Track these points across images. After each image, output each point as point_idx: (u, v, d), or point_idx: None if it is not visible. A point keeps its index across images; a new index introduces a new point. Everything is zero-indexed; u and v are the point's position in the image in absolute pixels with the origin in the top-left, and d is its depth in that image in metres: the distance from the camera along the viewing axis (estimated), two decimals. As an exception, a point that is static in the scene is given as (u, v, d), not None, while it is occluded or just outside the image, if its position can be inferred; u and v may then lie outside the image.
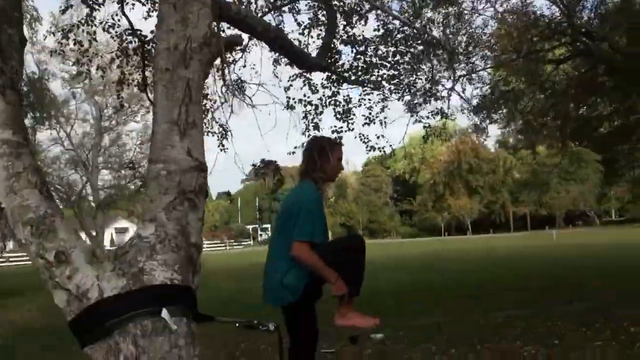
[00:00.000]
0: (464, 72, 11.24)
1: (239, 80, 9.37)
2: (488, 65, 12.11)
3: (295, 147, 8.97)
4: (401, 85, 9.84)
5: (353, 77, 8.78)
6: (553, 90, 10.32)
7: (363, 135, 9.98)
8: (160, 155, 3.16)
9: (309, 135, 9.53)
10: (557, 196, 72.36)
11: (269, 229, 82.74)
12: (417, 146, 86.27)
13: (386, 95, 9.67)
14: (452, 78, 11.28)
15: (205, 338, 3.26)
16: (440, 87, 10.89)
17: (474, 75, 11.83)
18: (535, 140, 16.30)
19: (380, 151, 10.22)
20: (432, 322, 8.13)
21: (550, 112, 12.55)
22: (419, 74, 10.21)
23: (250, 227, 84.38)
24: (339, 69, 8.84)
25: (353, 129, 9.78)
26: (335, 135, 9.50)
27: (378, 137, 9.94)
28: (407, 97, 10.70)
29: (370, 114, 9.69)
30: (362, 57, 9.34)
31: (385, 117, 9.97)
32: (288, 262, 3.34)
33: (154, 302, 2.89)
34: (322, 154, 3.54)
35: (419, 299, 11.26)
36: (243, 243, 75.94)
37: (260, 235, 78.70)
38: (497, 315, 8.48)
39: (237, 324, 3.40)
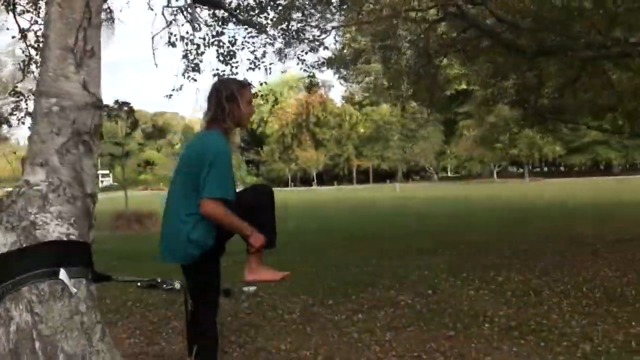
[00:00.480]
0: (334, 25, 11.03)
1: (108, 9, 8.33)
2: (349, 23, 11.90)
3: (173, 90, 8.29)
4: (289, 32, 9.39)
5: (242, 17, 8.26)
6: (419, 52, 10.46)
7: (247, 80, 9.47)
8: (52, 87, 2.65)
9: (188, 77, 8.99)
10: (399, 152, 76.42)
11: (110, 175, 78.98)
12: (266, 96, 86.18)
13: (272, 40, 9.25)
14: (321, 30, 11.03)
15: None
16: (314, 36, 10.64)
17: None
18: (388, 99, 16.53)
19: (264, 99, 9.84)
20: (309, 272, 8.12)
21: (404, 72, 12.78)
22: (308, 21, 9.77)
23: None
24: (229, 7, 8.27)
25: (237, 73, 9.31)
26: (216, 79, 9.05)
27: (261, 84, 9.56)
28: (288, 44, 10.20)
29: (255, 58, 9.26)
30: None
31: (271, 64, 9.57)
32: (194, 216, 3.01)
33: (50, 261, 2.44)
34: (230, 99, 3.14)
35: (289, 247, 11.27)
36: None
37: (101, 182, 74.91)
38: (368, 265, 8.67)
39: (138, 284, 3.05)
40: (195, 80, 9.20)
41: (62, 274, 2.44)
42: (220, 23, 8.60)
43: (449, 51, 9.47)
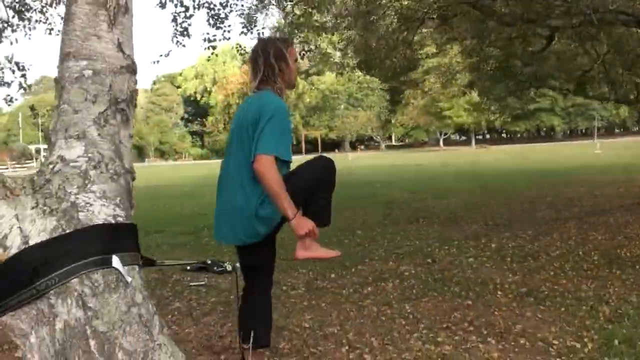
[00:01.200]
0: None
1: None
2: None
3: (161, 55, 7.73)
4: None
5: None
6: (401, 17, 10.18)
7: (240, 46, 8.99)
8: (82, 48, 2.30)
9: (177, 43, 8.41)
10: (346, 121, 76.49)
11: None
12: (209, 66, 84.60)
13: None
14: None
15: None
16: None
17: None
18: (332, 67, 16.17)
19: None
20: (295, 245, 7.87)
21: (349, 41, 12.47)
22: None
23: (32, 147, 76.29)
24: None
25: (229, 38, 8.75)
26: (207, 44, 8.53)
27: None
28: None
29: (248, 22, 8.75)
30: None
31: (263, 28, 9.06)
32: (261, 187, 2.72)
33: (100, 247, 2.12)
34: (280, 57, 2.86)
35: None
36: (26, 165, 68.81)
37: (44, 157, 71.70)
38: (355, 236, 8.50)
39: (187, 267, 2.75)
40: (184, 46, 8.67)
41: (116, 262, 2.14)
42: None
43: (429, 15, 9.25)
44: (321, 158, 2.99)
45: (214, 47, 8.90)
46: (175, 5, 8.51)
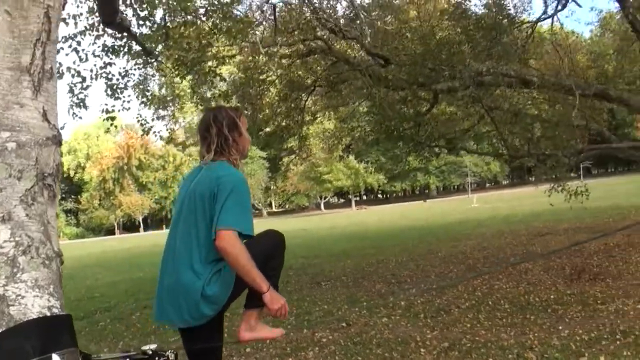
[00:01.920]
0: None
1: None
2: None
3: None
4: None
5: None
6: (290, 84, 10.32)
7: (141, 116, 8.58)
8: (4, 117, 2.05)
9: (73, 115, 7.85)
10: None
11: None
12: (82, 141, 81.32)
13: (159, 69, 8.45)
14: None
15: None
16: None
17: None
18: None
19: (157, 136, 8.89)
20: None
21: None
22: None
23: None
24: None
25: (129, 108, 8.35)
26: (105, 115, 8.01)
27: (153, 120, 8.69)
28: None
29: (149, 92, 8.40)
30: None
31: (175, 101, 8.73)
32: (211, 266, 2.50)
33: (37, 347, 1.82)
34: (233, 127, 2.73)
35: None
36: None
37: None
38: None
39: (127, 359, 2.45)
40: (81, 118, 8.17)
41: (56, 361, 1.85)
42: (109, 53, 7.64)
43: (319, 83, 9.49)
44: (268, 233, 2.83)
45: (112, 119, 8.53)
46: (72, 76, 8.15)
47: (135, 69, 8.36)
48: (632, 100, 8.80)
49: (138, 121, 8.80)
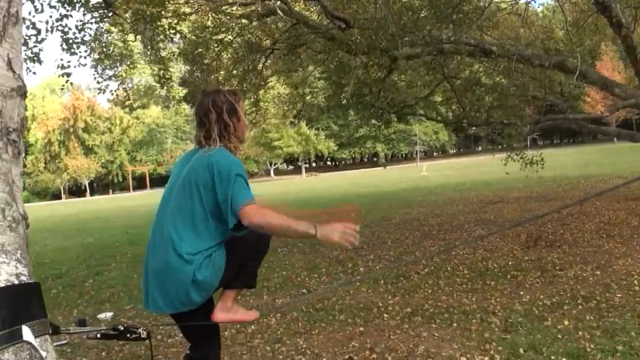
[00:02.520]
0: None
1: None
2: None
3: None
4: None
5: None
6: (248, 45, 10.04)
7: (97, 73, 8.10)
8: (-36, 66, 1.85)
9: (27, 70, 7.34)
10: (175, 155, 74.63)
11: None
12: (27, 102, 77.72)
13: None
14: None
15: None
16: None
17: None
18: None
19: (113, 95, 8.45)
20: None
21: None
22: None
23: None
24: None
25: (85, 64, 7.94)
26: (61, 70, 7.55)
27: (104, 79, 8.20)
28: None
29: (104, 47, 7.93)
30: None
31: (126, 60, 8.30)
32: (203, 252, 2.45)
33: (6, 318, 1.67)
34: (232, 113, 2.62)
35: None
36: None
37: None
38: None
39: (97, 334, 2.30)
40: (35, 73, 7.74)
41: (27, 333, 1.71)
42: (65, 4, 7.13)
43: (277, 46, 9.25)
44: (258, 239, 2.72)
45: (68, 75, 8.09)
46: (27, 27, 7.62)
47: (92, 23, 7.94)
48: (589, 72, 8.96)
49: (95, 79, 8.39)
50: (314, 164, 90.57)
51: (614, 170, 19.01)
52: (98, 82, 8.50)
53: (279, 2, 8.65)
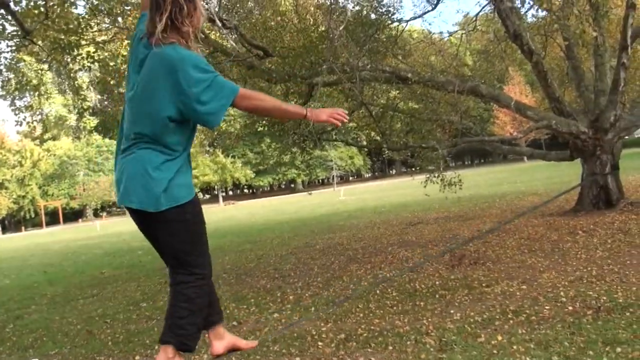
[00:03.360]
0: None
1: None
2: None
3: None
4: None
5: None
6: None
7: (15, 105, 7.59)
8: None
9: None
10: (88, 187, 71.91)
11: None
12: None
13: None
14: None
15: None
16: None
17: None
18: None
19: (30, 126, 7.82)
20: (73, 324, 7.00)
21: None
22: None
23: None
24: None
25: (4, 95, 7.41)
26: None
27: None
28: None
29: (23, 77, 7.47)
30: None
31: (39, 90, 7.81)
32: (168, 163, 2.50)
33: None
34: None
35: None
36: None
37: None
38: (138, 309, 7.79)
39: None
40: None
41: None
42: None
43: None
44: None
45: None
46: None
47: (7, 52, 7.59)
48: (501, 96, 9.39)
49: (12, 110, 7.96)
50: (230, 192, 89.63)
51: (528, 188, 19.90)
52: (15, 114, 8.09)
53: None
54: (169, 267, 2.70)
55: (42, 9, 6.70)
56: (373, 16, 8.87)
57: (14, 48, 7.64)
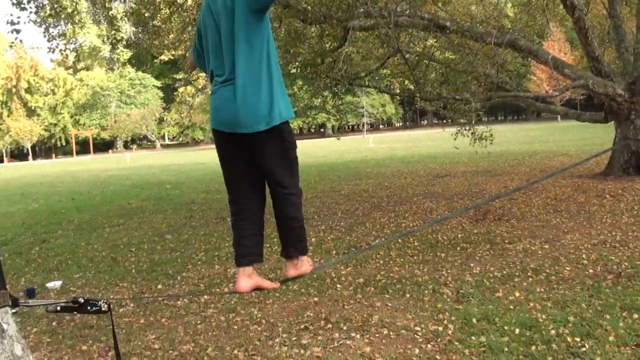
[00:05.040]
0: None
1: None
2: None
3: None
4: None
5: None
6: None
7: (48, 32, 7.55)
8: None
9: None
10: (119, 119, 72.56)
11: None
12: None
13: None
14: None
15: None
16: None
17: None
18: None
19: (63, 54, 7.80)
20: (100, 256, 7.22)
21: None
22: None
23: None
24: None
25: (37, 20, 7.43)
26: (10, 27, 7.09)
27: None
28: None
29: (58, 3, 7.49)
30: None
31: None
32: (269, 80, 2.54)
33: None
34: None
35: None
36: None
37: None
38: (164, 240, 8.00)
39: (57, 307, 2.20)
40: None
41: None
42: None
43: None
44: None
45: (17, 32, 7.68)
46: None
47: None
48: (540, 51, 9.13)
49: (45, 37, 7.97)
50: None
51: (559, 148, 19.57)
52: (48, 41, 8.13)
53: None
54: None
55: None
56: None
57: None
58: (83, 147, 76.91)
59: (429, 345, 3.57)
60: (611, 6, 10.54)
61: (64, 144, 77.01)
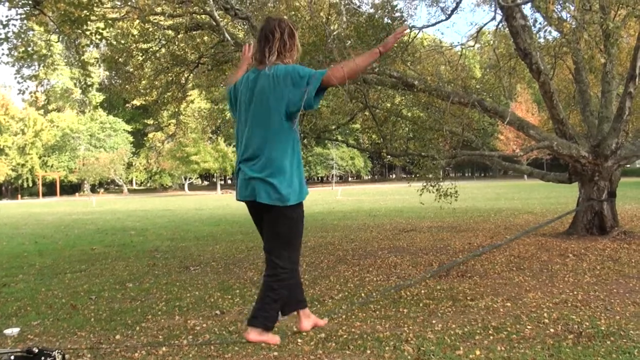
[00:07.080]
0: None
1: None
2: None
3: None
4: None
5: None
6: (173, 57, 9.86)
7: (18, 74, 7.53)
8: None
9: None
10: (87, 162, 71.76)
11: None
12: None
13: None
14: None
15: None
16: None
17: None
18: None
19: (32, 96, 7.79)
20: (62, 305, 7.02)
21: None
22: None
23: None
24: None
25: (8, 62, 7.39)
26: None
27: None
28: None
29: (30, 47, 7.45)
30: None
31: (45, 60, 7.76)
32: (292, 159, 3.03)
33: None
34: (292, 35, 3.08)
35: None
36: None
37: None
38: (126, 289, 7.82)
39: (11, 357, 2.14)
40: None
41: None
42: None
43: (203, 60, 9.12)
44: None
45: None
46: None
47: (17, 19, 7.57)
48: (506, 113, 9.40)
49: (15, 79, 7.95)
50: (229, 182, 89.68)
51: (524, 206, 19.91)
52: (18, 82, 8.12)
53: (207, 17, 8.56)
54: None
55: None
56: (387, 20, 8.84)
57: (23, 16, 7.62)
58: (50, 189, 75.55)
59: (388, 404, 3.53)
60: (577, 72, 10.98)
61: (30, 185, 75.65)
